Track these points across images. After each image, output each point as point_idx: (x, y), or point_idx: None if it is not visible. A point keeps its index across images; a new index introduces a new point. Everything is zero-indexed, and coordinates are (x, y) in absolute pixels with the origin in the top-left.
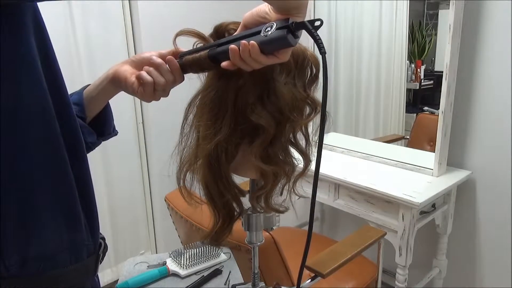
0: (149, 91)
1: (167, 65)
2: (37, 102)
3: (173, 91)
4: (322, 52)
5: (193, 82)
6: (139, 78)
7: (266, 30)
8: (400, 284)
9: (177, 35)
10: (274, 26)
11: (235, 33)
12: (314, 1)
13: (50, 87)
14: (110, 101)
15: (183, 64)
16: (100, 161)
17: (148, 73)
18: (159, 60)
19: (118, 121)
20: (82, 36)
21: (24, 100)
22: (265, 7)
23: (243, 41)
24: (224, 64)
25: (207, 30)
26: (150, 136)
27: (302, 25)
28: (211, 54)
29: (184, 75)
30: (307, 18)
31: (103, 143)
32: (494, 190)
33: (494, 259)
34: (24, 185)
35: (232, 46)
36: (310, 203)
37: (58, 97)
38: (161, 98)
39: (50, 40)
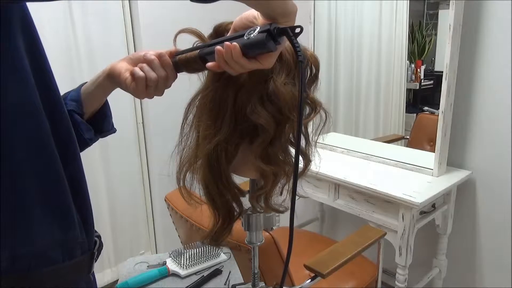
0: (141, 87)
1: (159, 61)
2: (23, 100)
3: (173, 91)
4: (299, 60)
5: (193, 82)
6: (132, 73)
7: (249, 33)
8: (400, 284)
9: (178, 33)
10: (257, 30)
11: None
12: (314, 1)
13: (40, 85)
14: (110, 101)
15: (177, 62)
16: (100, 161)
17: (141, 68)
18: (152, 56)
19: (118, 121)
20: (82, 36)
21: (8, 98)
22: (254, 12)
23: (227, 42)
24: (209, 65)
25: (207, 30)
26: (150, 136)
27: (283, 31)
28: (200, 54)
29: (187, 75)
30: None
31: (103, 143)
32: (494, 190)
33: (494, 259)
34: (12, 183)
35: (218, 47)
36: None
37: (47, 96)
38: (162, 98)
39: (39, 39)
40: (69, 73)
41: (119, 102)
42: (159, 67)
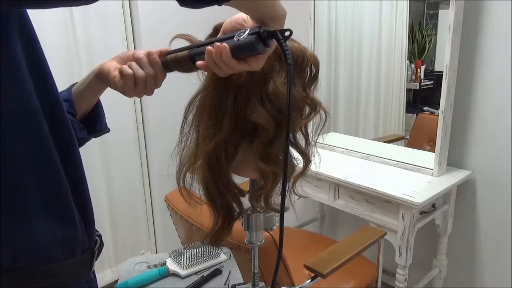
0: (130, 85)
1: (147, 59)
2: (21, 102)
3: (173, 91)
4: (288, 63)
5: (193, 82)
6: (120, 71)
7: (239, 35)
8: (400, 284)
9: (174, 38)
10: (247, 32)
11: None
12: (314, 1)
13: (38, 87)
14: (111, 101)
15: (167, 61)
16: (100, 161)
17: (129, 66)
18: (141, 55)
19: (118, 121)
20: (82, 36)
21: (6, 100)
22: (244, 15)
23: (217, 43)
24: (198, 63)
25: (207, 30)
26: (150, 136)
27: (272, 34)
28: (190, 54)
29: (187, 75)
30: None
31: (103, 143)
32: (494, 190)
33: (494, 259)
34: (13, 183)
35: (209, 47)
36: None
37: (47, 97)
38: (162, 98)
39: (38, 41)
40: (69, 74)
41: (119, 102)
42: (147, 65)
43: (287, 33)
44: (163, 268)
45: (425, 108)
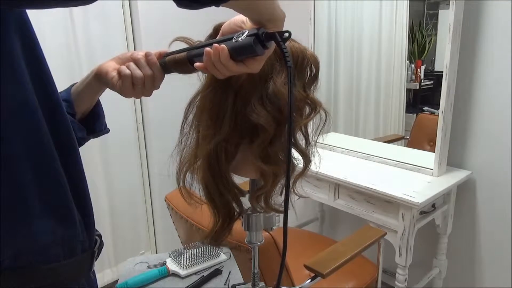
0: (128, 85)
1: (145, 59)
2: (20, 101)
3: (173, 91)
4: (288, 66)
5: (193, 82)
6: (118, 71)
7: (238, 36)
8: (400, 284)
9: (173, 41)
10: (245, 33)
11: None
12: (314, 1)
13: (37, 87)
14: (111, 101)
15: (165, 63)
16: (100, 161)
17: (127, 67)
18: (139, 55)
19: (118, 121)
20: (83, 36)
21: (4, 99)
22: (243, 17)
23: (215, 44)
24: (197, 64)
25: (207, 30)
26: (150, 136)
27: (271, 36)
28: (189, 56)
29: (187, 75)
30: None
31: (103, 143)
32: (494, 190)
33: (494, 259)
34: (12, 182)
35: (207, 48)
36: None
37: (46, 97)
38: (162, 99)
39: (37, 40)
40: (69, 74)
41: (119, 102)
42: (145, 66)
43: (286, 35)
44: (163, 268)
45: (425, 108)
